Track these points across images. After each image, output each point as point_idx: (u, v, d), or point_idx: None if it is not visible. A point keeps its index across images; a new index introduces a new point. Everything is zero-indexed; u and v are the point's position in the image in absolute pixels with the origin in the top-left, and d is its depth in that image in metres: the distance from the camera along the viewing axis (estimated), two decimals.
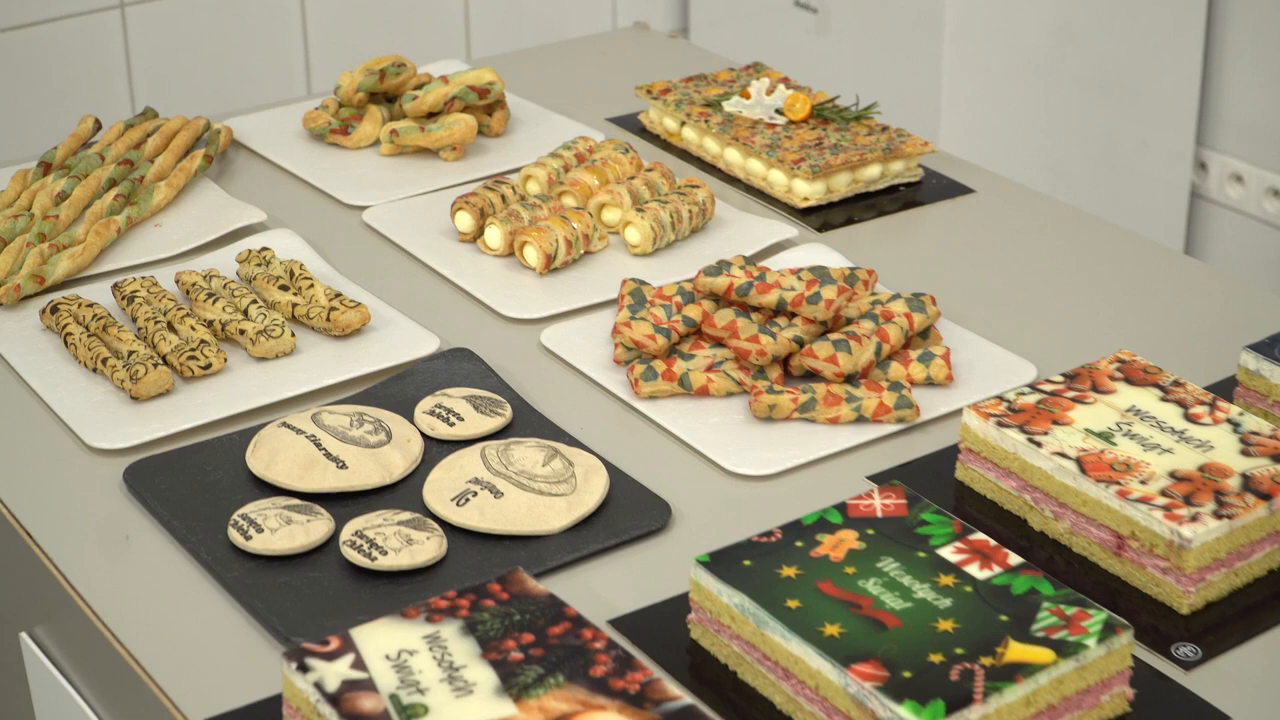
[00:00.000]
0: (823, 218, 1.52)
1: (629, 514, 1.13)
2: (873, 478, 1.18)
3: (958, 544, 1.03)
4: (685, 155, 1.63)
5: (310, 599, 1.07)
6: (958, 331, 1.34)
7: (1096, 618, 0.97)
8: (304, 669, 0.94)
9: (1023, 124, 2.83)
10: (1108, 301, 1.42)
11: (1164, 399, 1.17)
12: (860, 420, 1.22)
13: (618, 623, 1.05)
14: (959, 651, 0.94)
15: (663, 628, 1.05)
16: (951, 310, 1.37)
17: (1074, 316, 1.39)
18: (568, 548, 1.10)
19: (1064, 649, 0.95)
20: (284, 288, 1.35)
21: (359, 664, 0.94)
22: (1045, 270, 1.47)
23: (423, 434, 1.21)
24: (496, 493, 1.12)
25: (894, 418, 1.22)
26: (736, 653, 1.01)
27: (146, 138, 1.61)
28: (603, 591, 1.08)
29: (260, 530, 1.10)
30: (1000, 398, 1.17)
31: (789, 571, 1.01)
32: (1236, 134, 2.80)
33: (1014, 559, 1.02)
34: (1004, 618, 0.97)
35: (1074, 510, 1.10)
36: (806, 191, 1.51)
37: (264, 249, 1.41)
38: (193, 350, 1.28)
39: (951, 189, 1.57)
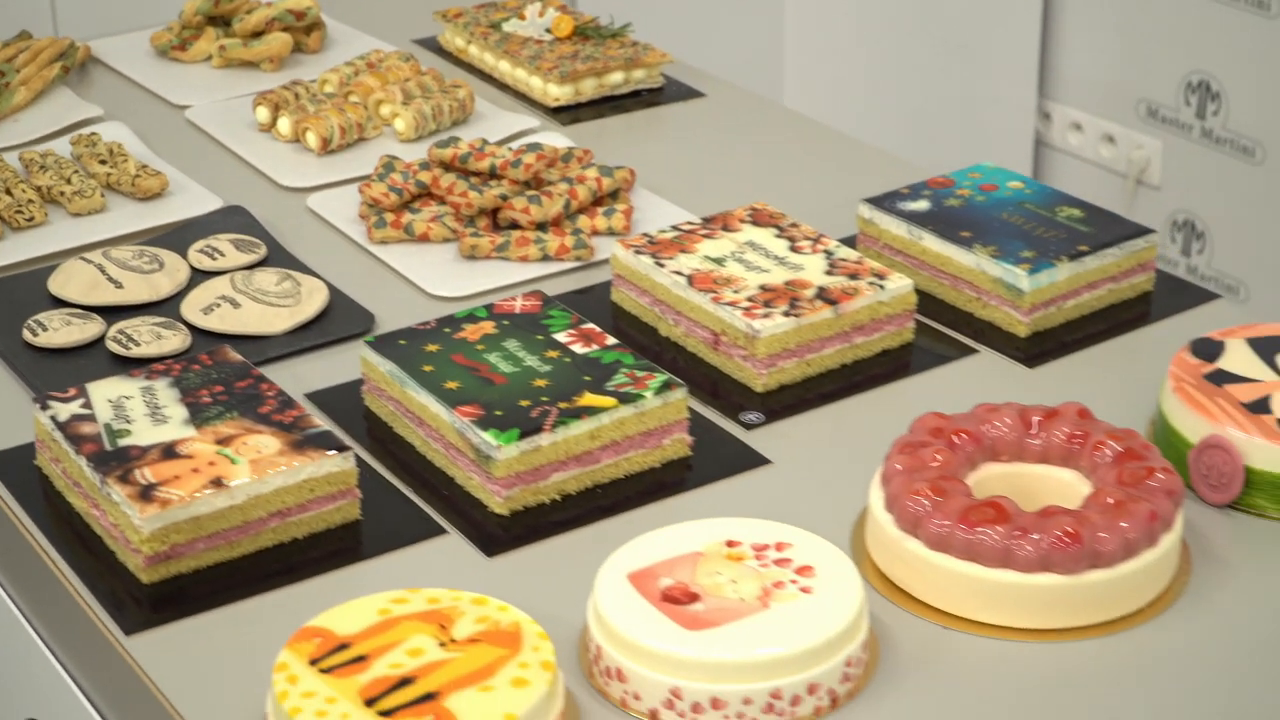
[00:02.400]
0: (574, 115, 1.81)
1: (341, 322, 1.41)
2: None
3: (570, 331, 1.31)
4: (472, 69, 1.92)
5: (76, 379, 1.35)
6: (654, 199, 1.62)
7: (658, 378, 1.25)
8: (45, 408, 1.23)
9: (878, 81, 3.10)
10: (787, 177, 1.69)
11: (778, 236, 1.44)
12: (546, 259, 1.50)
13: (313, 395, 1.34)
14: (544, 399, 1.22)
15: (347, 399, 1.33)
16: (656, 182, 1.65)
17: (755, 188, 1.65)
18: (286, 344, 1.39)
19: (625, 398, 1.22)
20: (103, 162, 1.64)
21: (86, 405, 1.23)
22: (745, 153, 1.75)
23: (192, 267, 1.50)
24: (236, 304, 1.41)
25: (573, 256, 1.50)
26: (391, 411, 1.29)
27: (19, 54, 1.92)
28: (309, 376, 1.36)
29: (45, 329, 1.39)
30: (645, 234, 1.45)
31: (432, 348, 1.29)
32: (1075, 87, 3.07)
33: (610, 340, 1.29)
34: (587, 378, 1.25)
35: (686, 316, 1.38)
36: (557, 93, 1.79)
37: (93, 134, 1.70)
38: (20, 207, 1.58)
39: (687, 93, 1.87)
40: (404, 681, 0.98)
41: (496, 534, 1.18)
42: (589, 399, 1.22)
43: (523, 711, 0.97)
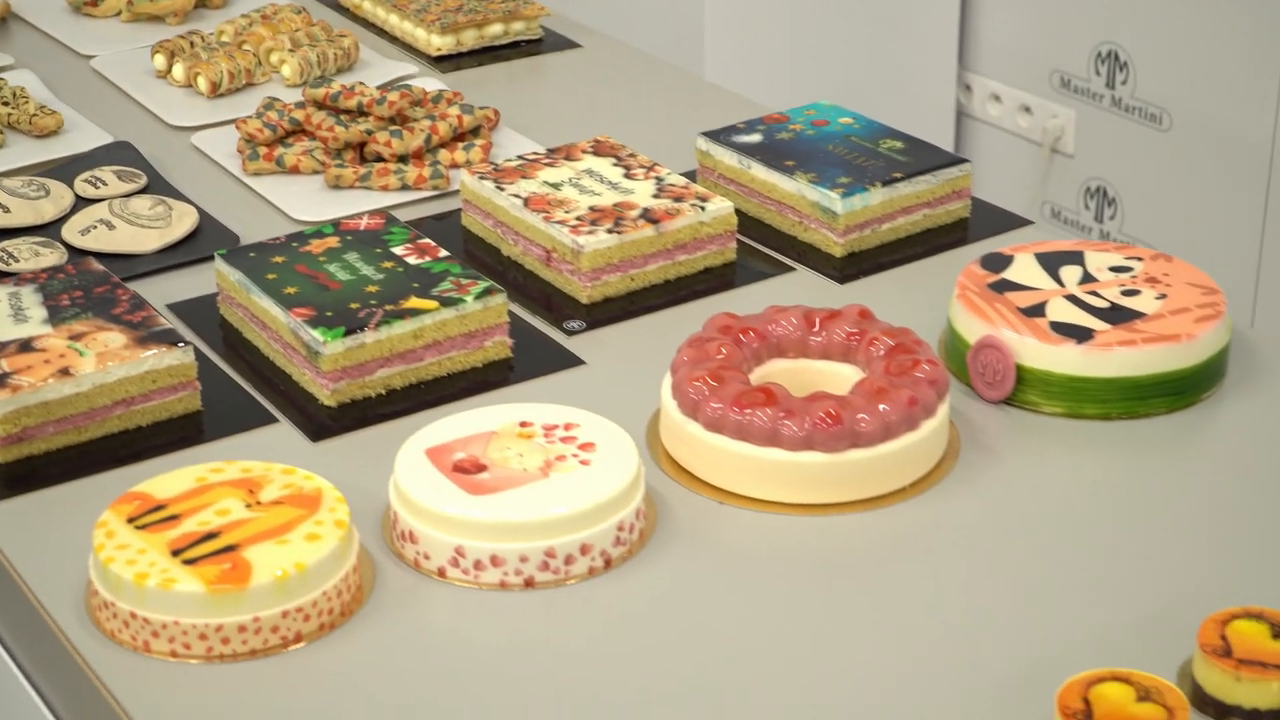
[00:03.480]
0: (455, 64, 1.92)
1: (208, 243, 1.52)
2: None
3: (407, 245, 1.41)
4: (365, 23, 2.03)
5: None
6: (516, 138, 1.72)
7: (480, 285, 1.35)
8: None
9: (801, 54, 3.20)
10: (650, 119, 1.79)
11: (615, 165, 1.54)
12: (405, 188, 1.61)
13: (174, 306, 1.44)
14: (372, 302, 1.33)
15: (205, 309, 1.44)
16: (525, 125, 1.75)
17: (617, 129, 1.74)
18: (155, 262, 1.50)
19: (448, 302, 1.33)
20: (5, 104, 1.75)
21: None
22: (613, 100, 1.85)
23: (77, 195, 1.60)
24: (111, 226, 1.52)
25: (430, 185, 1.60)
26: (240, 317, 1.39)
27: None
28: (174, 290, 1.47)
29: None
30: (493, 163, 1.55)
31: (278, 259, 1.39)
32: (993, 59, 3.17)
33: (443, 253, 1.40)
34: (415, 285, 1.35)
35: (522, 235, 1.48)
36: (439, 43, 1.90)
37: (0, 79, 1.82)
38: None
39: (564, 44, 1.97)
40: (209, 536, 1.09)
41: (325, 423, 1.28)
42: (414, 302, 1.32)
43: (312, 562, 1.07)
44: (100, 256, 1.48)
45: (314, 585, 1.07)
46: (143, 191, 1.59)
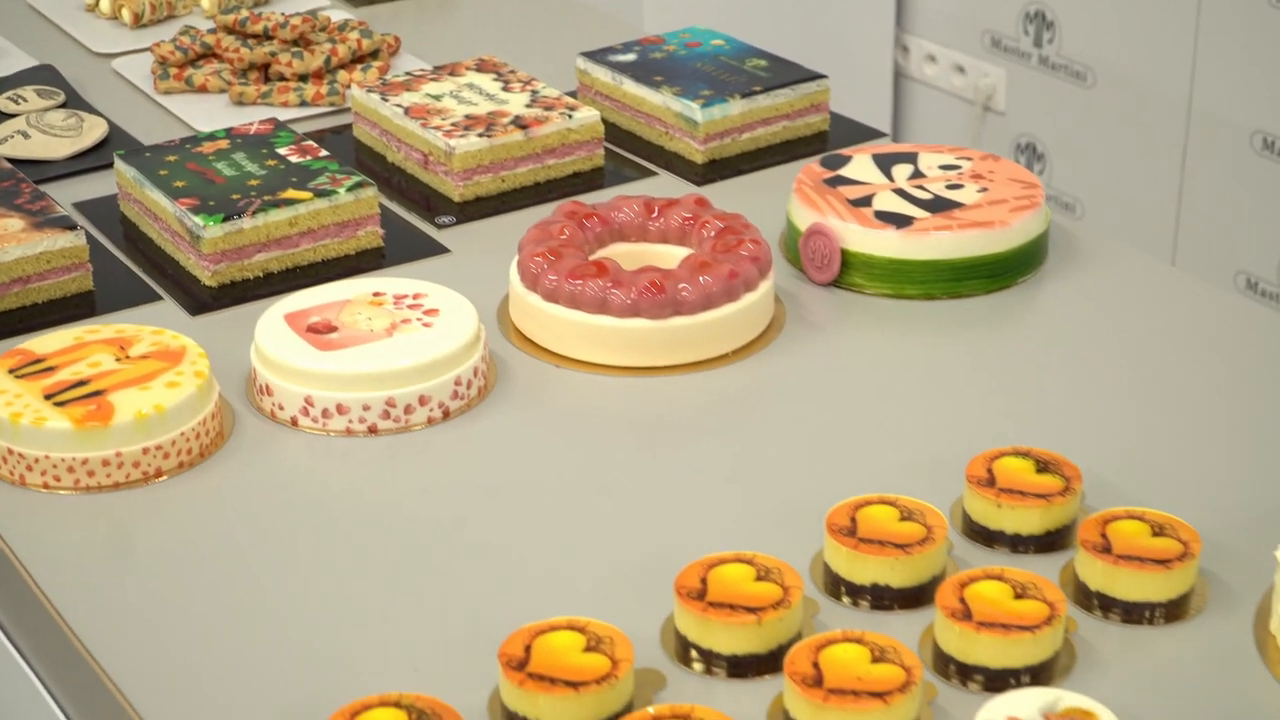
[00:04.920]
0: None
1: (115, 148, 1.64)
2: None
3: (291, 146, 1.52)
4: None
5: None
6: (416, 62, 1.83)
7: (353, 179, 1.46)
8: None
9: (739, 16, 3.29)
10: (552, 48, 1.88)
11: (495, 80, 1.65)
12: (304, 104, 1.72)
13: (80, 204, 1.55)
14: (252, 194, 1.44)
15: (108, 207, 1.55)
16: (430, 54, 1.86)
17: (516, 58, 1.83)
18: (65, 167, 1.61)
19: (321, 193, 1.44)
20: None
21: None
22: (523, 35, 1.95)
23: (1, 111, 1.72)
24: (27, 136, 1.63)
25: (326, 101, 1.72)
26: (137, 212, 1.51)
27: None
28: (81, 192, 1.58)
29: None
30: (382, 79, 1.66)
31: (171, 159, 1.50)
32: (928, 20, 3.27)
33: (323, 153, 1.51)
34: (294, 179, 1.46)
35: (404, 142, 1.59)
36: None
37: None
38: None
39: None
40: (80, 383, 1.20)
41: (205, 301, 1.39)
42: (290, 194, 1.43)
43: (171, 405, 1.18)
44: (16, 163, 1.59)
45: (172, 426, 1.18)
46: (60, 107, 1.70)
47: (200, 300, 1.39)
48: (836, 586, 1.07)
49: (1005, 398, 1.30)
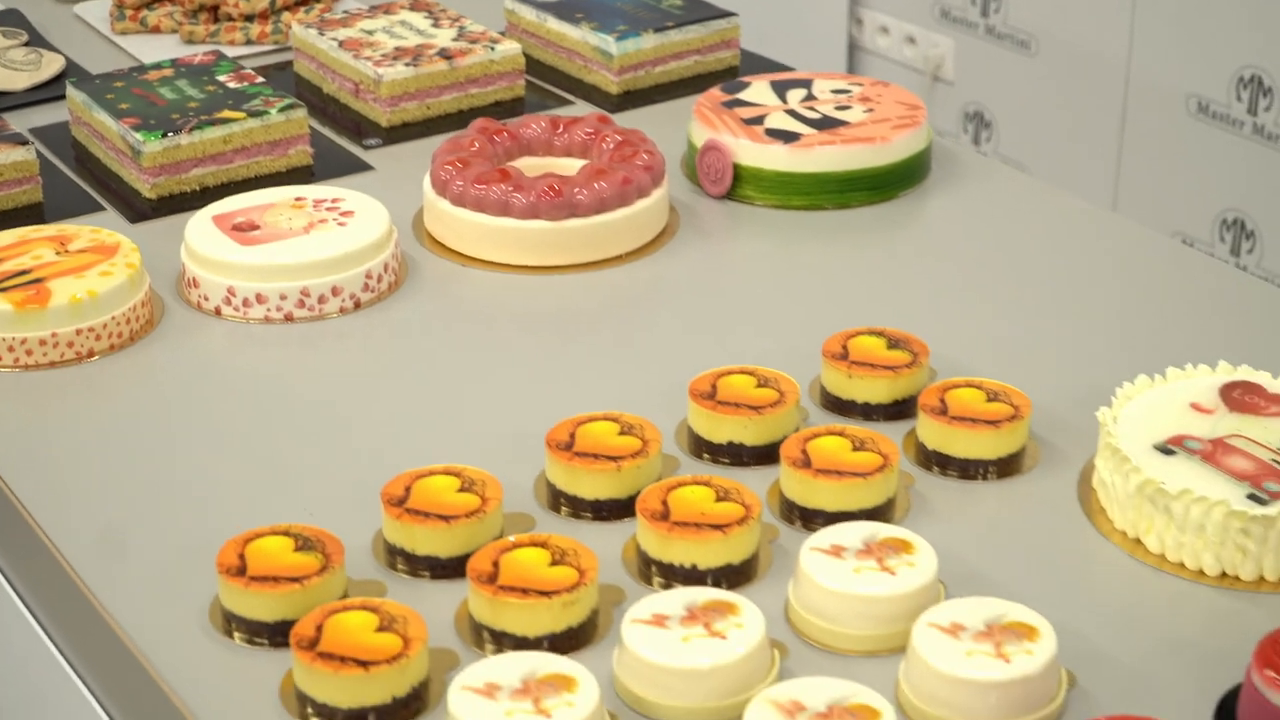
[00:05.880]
0: None
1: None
2: None
3: (231, 74, 1.62)
4: None
5: None
6: (362, 6, 1.94)
7: (285, 101, 1.56)
8: None
9: None
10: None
11: (425, 17, 1.75)
12: (250, 43, 1.82)
13: (35, 130, 1.66)
14: (191, 114, 1.54)
15: (62, 132, 1.65)
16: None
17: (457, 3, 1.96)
18: (24, 97, 1.72)
19: (254, 113, 1.54)
20: None
21: None
22: None
23: None
24: None
25: (270, 40, 1.82)
26: (87, 135, 1.61)
27: None
28: (38, 119, 1.68)
29: None
30: (321, 17, 1.76)
31: (119, 84, 1.60)
32: None
33: (260, 80, 1.61)
34: (230, 101, 1.56)
35: (338, 73, 1.69)
36: None
37: None
38: None
39: None
40: (21, 273, 1.30)
41: (145, 211, 1.50)
42: (226, 114, 1.53)
43: (103, 290, 1.28)
44: None
45: (104, 310, 1.28)
46: (23, 46, 1.81)
47: (140, 210, 1.49)
48: (698, 446, 1.17)
49: (877, 294, 1.40)
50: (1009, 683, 0.94)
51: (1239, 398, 1.18)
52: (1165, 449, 1.11)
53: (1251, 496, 1.07)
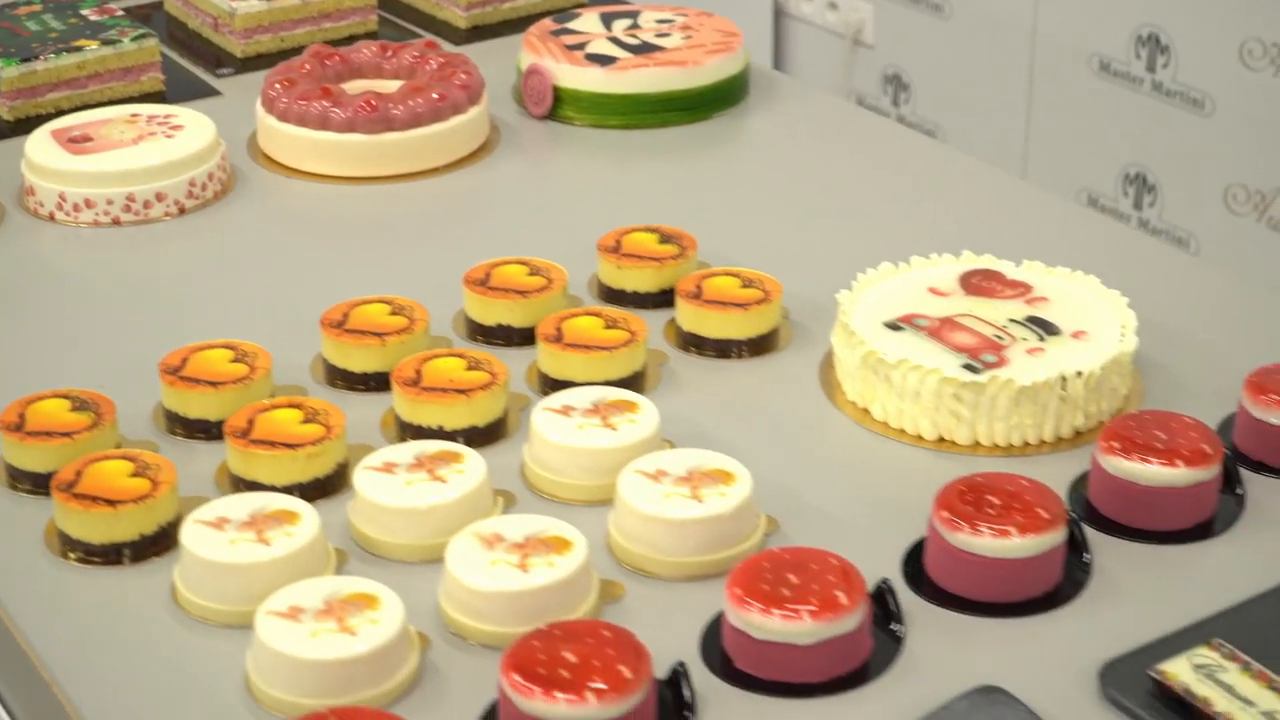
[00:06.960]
0: None
1: None
2: None
3: (94, 8, 1.70)
4: None
5: None
6: None
7: (138, 31, 1.64)
8: None
9: None
10: None
11: None
12: None
13: None
14: (49, 43, 1.62)
15: None
16: None
17: None
18: None
19: (107, 41, 1.62)
20: None
21: None
22: None
23: None
24: None
25: None
26: None
27: None
28: None
29: None
30: None
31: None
32: None
33: (119, 12, 1.69)
34: (88, 32, 1.65)
35: (200, 10, 1.77)
36: None
37: None
38: None
39: None
40: None
41: (3, 132, 1.58)
42: (81, 42, 1.62)
43: None
44: None
45: None
46: None
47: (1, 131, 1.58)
48: (471, 330, 1.25)
49: (671, 202, 1.47)
50: (700, 520, 1.02)
51: (977, 283, 1.25)
52: (894, 325, 1.19)
53: (967, 366, 1.14)
